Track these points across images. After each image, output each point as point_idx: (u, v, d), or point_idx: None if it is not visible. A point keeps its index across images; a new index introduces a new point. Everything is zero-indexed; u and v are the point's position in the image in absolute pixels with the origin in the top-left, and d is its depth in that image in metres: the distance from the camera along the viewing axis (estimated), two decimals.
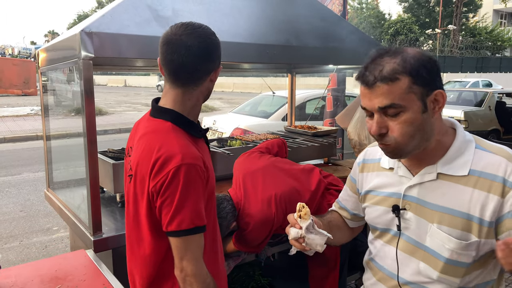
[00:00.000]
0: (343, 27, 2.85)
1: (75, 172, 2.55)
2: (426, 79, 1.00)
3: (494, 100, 9.25)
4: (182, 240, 1.15)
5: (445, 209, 1.06)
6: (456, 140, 1.08)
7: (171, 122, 1.22)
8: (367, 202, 1.26)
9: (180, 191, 1.12)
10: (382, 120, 1.03)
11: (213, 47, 1.22)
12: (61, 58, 2.01)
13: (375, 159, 1.26)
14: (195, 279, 1.15)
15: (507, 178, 1.00)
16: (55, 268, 1.54)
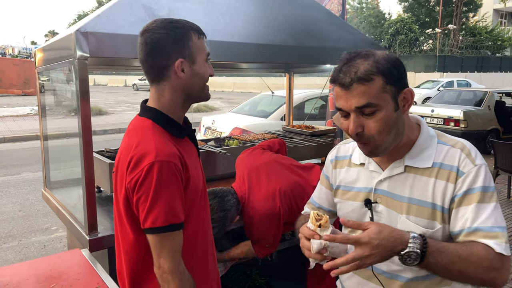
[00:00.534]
0: (340, 27, 2.85)
1: (72, 172, 2.56)
2: (396, 78, 1.07)
3: (493, 100, 9.24)
4: (158, 237, 1.16)
5: (412, 200, 1.13)
6: (420, 136, 1.16)
7: (152, 120, 1.23)
8: (338, 197, 1.31)
9: (154, 188, 1.13)
10: (359, 119, 1.08)
11: (164, 41, 1.20)
12: (57, 58, 2.02)
13: (347, 156, 1.32)
14: (171, 276, 1.16)
15: (460, 167, 1.10)
16: (50, 267, 1.54)
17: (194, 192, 1.26)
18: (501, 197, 5.82)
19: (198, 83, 1.26)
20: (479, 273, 1.01)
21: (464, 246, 1.03)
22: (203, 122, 6.90)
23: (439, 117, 9.15)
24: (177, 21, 1.24)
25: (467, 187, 1.08)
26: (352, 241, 0.96)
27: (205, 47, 1.27)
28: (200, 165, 1.36)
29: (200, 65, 1.25)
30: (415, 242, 0.97)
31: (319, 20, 2.74)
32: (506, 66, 29.57)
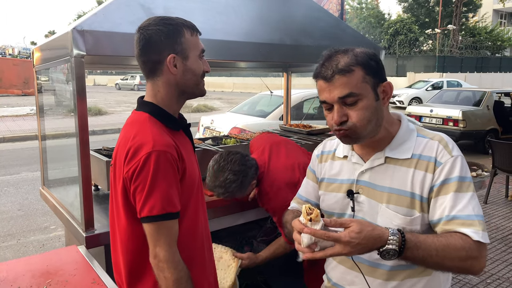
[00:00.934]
0: (337, 27, 2.86)
1: (70, 171, 2.57)
2: (375, 70, 1.14)
3: (492, 100, 9.25)
4: (154, 226, 1.18)
5: (392, 190, 1.18)
6: (400, 130, 1.22)
7: (148, 114, 1.27)
8: (322, 189, 1.36)
9: (151, 177, 1.16)
10: (342, 109, 1.13)
11: (156, 37, 1.23)
12: (54, 56, 2.03)
13: (332, 150, 1.38)
14: (167, 265, 1.18)
15: (437, 158, 1.15)
16: (47, 263, 1.55)
17: (191, 184, 1.29)
18: (499, 196, 5.84)
19: (191, 79, 1.28)
20: (456, 263, 1.05)
21: (442, 238, 1.06)
22: (202, 121, 6.91)
23: (438, 117, 9.16)
24: (170, 18, 1.27)
25: (444, 176, 1.13)
26: (333, 239, 0.99)
27: (198, 43, 1.30)
28: (195, 159, 1.38)
29: (193, 61, 1.27)
30: (394, 240, 1.00)
31: (315, 19, 2.75)
32: (505, 67, 29.56)
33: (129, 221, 1.25)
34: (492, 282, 3.43)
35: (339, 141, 1.33)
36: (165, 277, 1.18)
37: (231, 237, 2.63)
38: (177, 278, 1.19)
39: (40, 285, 1.39)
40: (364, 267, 1.20)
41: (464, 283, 3.41)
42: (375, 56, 1.16)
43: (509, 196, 5.69)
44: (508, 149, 5.29)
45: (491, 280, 3.45)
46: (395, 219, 1.15)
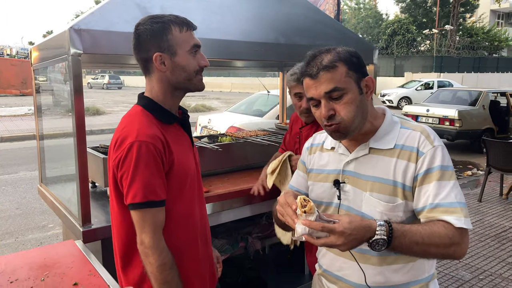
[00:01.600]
0: (332, 27, 2.90)
1: (67, 169, 2.60)
2: (357, 66, 1.21)
3: (488, 99, 9.31)
4: (139, 213, 1.24)
5: (375, 178, 1.23)
6: (384, 122, 1.28)
7: (142, 107, 1.34)
8: (311, 179, 1.41)
9: (133, 166, 1.22)
10: (329, 104, 1.19)
11: (144, 36, 1.28)
12: (52, 55, 2.06)
13: (320, 143, 1.44)
14: (151, 251, 1.24)
15: (419, 148, 1.20)
16: (44, 257, 1.59)
17: (182, 176, 1.33)
18: (494, 194, 5.90)
19: (181, 75, 1.31)
20: (440, 250, 1.11)
21: (426, 226, 1.12)
22: (199, 121, 6.95)
23: (434, 116, 9.22)
24: (159, 16, 1.31)
25: (427, 166, 1.18)
26: (327, 230, 1.03)
27: (189, 39, 1.31)
28: (192, 153, 1.43)
29: (182, 57, 1.30)
30: (382, 230, 1.05)
31: (310, 19, 2.80)
32: (502, 67, 29.66)
33: (119, 207, 1.31)
34: (485, 278, 3.48)
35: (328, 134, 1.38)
36: (149, 262, 1.24)
37: (227, 233, 2.67)
38: (160, 264, 1.24)
39: (38, 277, 1.42)
40: (353, 253, 1.25)
41: (457, 279, 3.46)
42: (356, 53, 1.23)
43: (503, 194, 5.75)
44: (502, 147, 5.35)
45: (483, 276, 3.50)
46: (378, 206, 1.21)
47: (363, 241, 1.06)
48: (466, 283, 3.40)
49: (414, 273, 1.26)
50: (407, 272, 1.25)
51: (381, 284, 1.25)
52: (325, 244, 1.04)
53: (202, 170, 2.52)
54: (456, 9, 29.37)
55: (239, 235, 2.66)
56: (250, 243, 2.63)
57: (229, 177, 2.60)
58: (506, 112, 9.51)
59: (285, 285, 2.80)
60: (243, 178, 2.55)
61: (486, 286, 3.34)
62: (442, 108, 9.29)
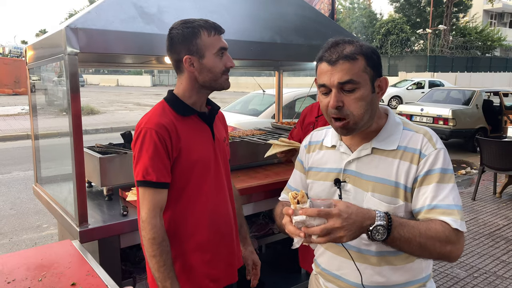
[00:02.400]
0: (327, 26, 2.91)
1: (63, 169, 2.59)
2: (375, 64, 1.20)
3: (481, 99, 9.39)
4: (140, 190, 1.43)
5: (378, 179, 1.23)
6: (388, 122, 1.28)
7: (165, 100, 1.52)
8: (311, 178, 1.41)
9: (138, 149, 1.41)
10: (339, 95, 1.18)
11: (176, 39, 1.44)
12: (47, 54, 2.05)
13: (319, 140, 1.43)
14: (144, 225, 1.39)
15: (422, 150, 1.21)
16: (41, 257, 1.58)
17: (190, 164, 1.46)
18: (487, 193, 5.95)
19: (208, 75, 1.46)
20: (437, 247, 1.10)
21: (423, 222, 1.13)
22: None
23: (428, 115, 9.28)
24: (190, 21, 1.44)
25: (428, 168, 1.18)
26: (324, 213, 1.01)
27: (217, 42, 1.45)
28: (211, 143, 1.54)
29: (209, 60, 1.44)
30: (381, 218, 1.05)
31: (306, 18, 2.80)
32: (495, 66, 29.94)
33: None
34: (479, 276, 3.51)
35: (327, 131, 1.39)
36: (143, 235, 1.40)
37: None
38: (150, 238, 1.38)
39: (36, 277, 1.41)
40: (351, 252, 1.25)
41: (452, 276, 3.49)
42: (377, 51, 1.22)
43: (497, 193, 5.80)
44: (495, 146, 5.40)
45: (478, 274, 3.54)
46: (380, 207, 1.20)
47: (363, 228, 1.04)
48: (461, 281, 3.43)
49: (412, 273, 1.27)
50: (406, 272, 1.26)
51: (379, 284, 1.26)
52: (324, 230, 1.00)
53: None
54: (450, 9, 29.60)
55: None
56: None
57: None
58: (499, 112, 9.60)
59: (282, 284, 2.81)
60: (239, 178, 2.55)
61: (480, 284, 3.37)
62: (436, 107, 9.36)
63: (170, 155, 1.42)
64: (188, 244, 1.50)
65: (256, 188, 2.39)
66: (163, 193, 1.42)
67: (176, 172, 1.45)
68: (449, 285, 3.36)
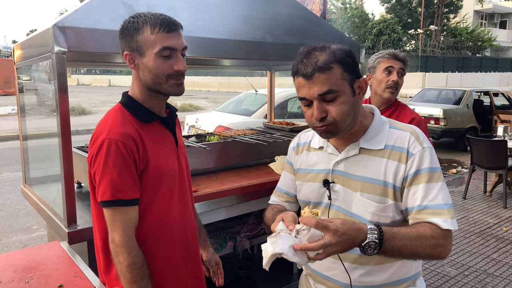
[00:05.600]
0: (319, 25, 2.91)
1: (52, 170, 2.56)
2: (352, 67, 1.18)
3: (472, 99, 9.48)
4: (109, 211, 1.24)
5: (366, 179, 1.23)
6: (374, 121, 1.28)
7: (121, 104, 1.35)
8: (299, 180, 1.40)
9: (103, 163, 1.22)
10: (322, 105, 1.17)
11: (120, 33, 1.31)
12: (35, 54, 2.02)
13: (307, 142, 1.42)
14: (121, 250, 1.23)
15: (409, 149, 1.21)
16: (28, 259, 1.56)
17: (158, 176, 1.31)
18: (478, 192, 6.00)
19: (149, 77, 1.29)
20: (427, 251, 1.13)
21: (413, 229, 1.13)
22: (187, 120, 6.91)
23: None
24: (138, 15, 1.30)
25: (416, 167, 1.19)
26: (321, 226, 1.02)
27: (160, 41, 1.25)
28: (176, 153, 1.40)
29: (150, 59, 1.27)
30: (373, 233, 1.06)
31: (297, 18, 2.80)
32: (486, 67, 30.24)
33: (95, 203, 1.33)
34: (470, 274, 3.54)
35: (314, 133, 1.38)
36: (119, 261, 1.23)
37: (215, 232, 2.66)
38: (129, 263, 1.22)
39: (22, 279, 1.39)
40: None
41: (442, 275, 3.51)
42: (351, 53, 1.20)
43: (487, 192, 5.85)
44: (485, 146, 5.45)
45: (468, 273, 3.56)
46: (369, 207, 1.21)
47: (355, 244, 1.05)
48: (452, 279, 3.45)
49: (402, 272, 1.28)
50: (395, 271, 1.26)
51: (369, 284, 1.26)
52: (320, 245, 1.01)
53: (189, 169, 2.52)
54: (440, 10, 29.81)
55: (228, 234, 2.65)
56: (239, 242, 2.62)
57: (217, 176, 2.58)
58: (489, 111, 9.71)
59: (273, 283, 2.80)
60: (231, 177, 2.54)
61: (471, 282, 3.40)
62: (427, 107, 9.43)
63: (138, 168, 1.26)
64: (159, 262, 1.34)
65: (247, 188, 2.38)
66: (135, 210, 1.27)
67: (143, 186, 1.28)
68: (439, 283, 3.38)
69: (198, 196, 2.20)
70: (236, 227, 2.75)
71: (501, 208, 5.30)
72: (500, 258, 3.84)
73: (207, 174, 2.65)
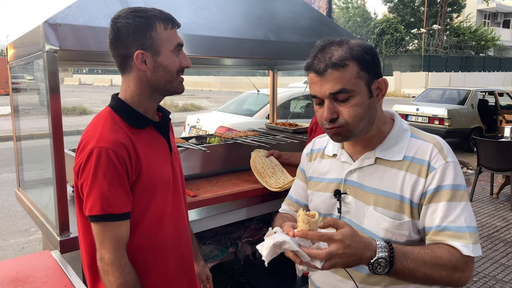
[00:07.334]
0: (323, 23, 2.82)
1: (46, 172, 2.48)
2: (370, 65, 1.07)
3: (476, 98, 9.38)
4: (98, 226, 1.13)
5: (381, 192, 1.12)
6: (393, 129, 1.16)
7: (111, 108, 1.24)
8: (311, 188, 1.31)
9: (92, 174, 1.12)
10: (333, 105, 1.07)
11: (125, 31, 1.17)
12: (26, 52, 1.94)
13: (321, 148, 1.32)
14: (111, 268, 1.13)
15: (431, 162, 1.08)
16: (17, 270, 1.47)
17: (151, 186, 1.22)
18: (484, 194, 5.89)
19: (163, 76, 1.21)
20: (444, 277, 1.01)
21: (428, 250, 1.02)
22: (188, 121, 6.82)
23: (424, 115, 9.24)
24: (142, 10, 1.20)
25: (437, 183, 1.07)
26: (325, 238, 0.93)
27: (173, 37, 1.22)
28: (170, 159, 1.31)
29: (166, 57, 1.20)
30: (383, 250, 0.97)
31: (301, 16, 2.71)
32: (489, 66, 30.08)
33: (81, 218, 1.22)
34: (479, 280, 3.43)
35: (329, 139, 1.28)
36: (109, 281, 1.13)
37: (216, 238, 2.56)
38: (121, 283, 1.13)
39: None
40: (350, 271, 1.15)
41: None
42: (371, 49, 1.09)
43: (494, 194, 5.74)
44: (492, 147, 5.34)
45: (477, 278, 3.46)
46: (383, 222, 1.10)
47: (363, 260, 0.96)
48: None
49: None
50: None
51: None
52: (325, 254, 0.92)
53: (189, 172, 2.43)
54: (444, 9, 29.70)
55: (229, 240, 2.55)
56: (240, 248, 2.53)
57: (218, 180, 2.49)
58: (495, 111, 9.59)
59: None
60: (232, 181, 2.45)
61: None
62: (431, 107, 9.32)
63: (130, 178, 1.16)
64: (151, 278, 1.25)
65: (249, 192, 2.29)
66: (126, 225, 1.17)
67: (135, 197, 1.19)
68: None
69: (198, 201, 2.11)
70: (238, 232, 2.66)
71: (508, 210, 5.20)
72: (509, 263, 3.73)
73: (208, 178, 2.55)
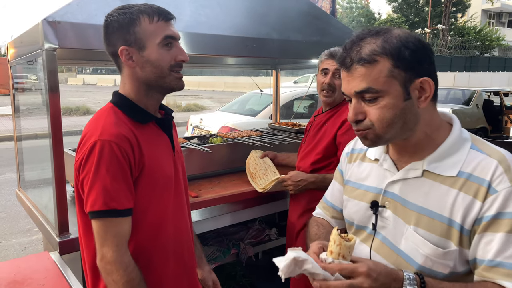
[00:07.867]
0: (327, 22, 2.78)
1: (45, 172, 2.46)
2: (409, 62, 0.92)
3: (481, 99, 9.29)
4: (100, 223, 1.10)
5: (425, 211, 0.96)
6: (449, 137, 0.98)
7: (113, 104, 1.22)
8: (346, 194, 1.18)
9: (94, 168, 1.09)
10: (359, 105, 0.95)
11: (110, 28, 1.17)
12: (26, 51, 1.91)
13: (363, 149, 1.17)
14: (115, 267, 1.08)
15: (492, 183, 0.90)
16: (15, 272, 1.44)
17: (153, 182, 1.19)
18: None
19: (152, 71, 1.18)
20: None
21: (473, 286, 0.90)
22: (191, 121, 6.80)
23: None
24: (128, 6, 1.19)
25: (497, 209, 0.89)
26: (348, 271, 0.85)
27: (161, 30, 1.17)
28: (172, 157, 1.28)
29: (151, 51, 1.16)
30: (411, 282, 0.86)
31: (304, 14, 2.67)
32: (494, 66, 29.88)
33: (82, 216, 1.19)
34: None
35: None
36: (113, 280, 1.09)
37: (217, 239, 2.53)
38: (127, 281, 1.09)
39: None
40: None
41: None
42: (416, 43, 0.92)
43: None
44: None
45: None
46: (423, 248, 0.95)
47: None
48: None
49: None
50: None
51: None
52: (346, 285, 0.84)
53: (191, 173, 2.40)
54: (448, 9, 29.51)
55: (231, 241, 2.52)
56: (242, 249, 2.50)
57: (220, 180, 2.46)
58: (500, 111, 9.51)
59: None
60: (234, 182, 2.42)
61: None
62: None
63: (132, 173, 1.13)
64: (151, 281, 1.21)
65: (252, 193, 2.26)
66: (129, 222, 1.14)
67: (137, 194, 1.16)
68: None
69: (200, 202, 2.08)
70: (240, 233, 2.63)
71: None
72: None
73: (210, 178, 2.53)
